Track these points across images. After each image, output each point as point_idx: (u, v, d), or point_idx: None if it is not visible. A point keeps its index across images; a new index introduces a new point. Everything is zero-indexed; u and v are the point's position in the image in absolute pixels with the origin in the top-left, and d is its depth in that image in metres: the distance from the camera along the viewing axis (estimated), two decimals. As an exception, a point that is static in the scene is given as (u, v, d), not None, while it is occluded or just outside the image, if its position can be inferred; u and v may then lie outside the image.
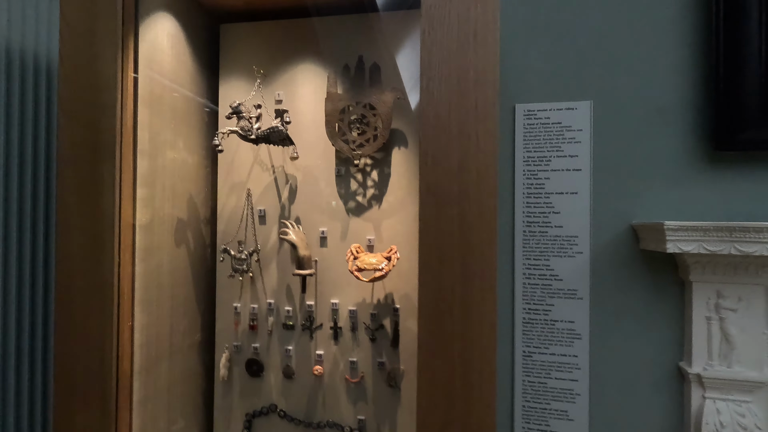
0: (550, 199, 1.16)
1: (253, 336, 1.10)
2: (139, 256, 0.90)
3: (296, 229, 1.04)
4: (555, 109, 1.15)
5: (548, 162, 1.16)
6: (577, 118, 1.14)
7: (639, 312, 1.11)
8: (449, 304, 0.70)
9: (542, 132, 1.16)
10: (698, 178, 1.10)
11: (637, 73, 1.12)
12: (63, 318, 0.83)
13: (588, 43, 1.13)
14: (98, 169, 0.82)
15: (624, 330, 1.12)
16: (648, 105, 1.11)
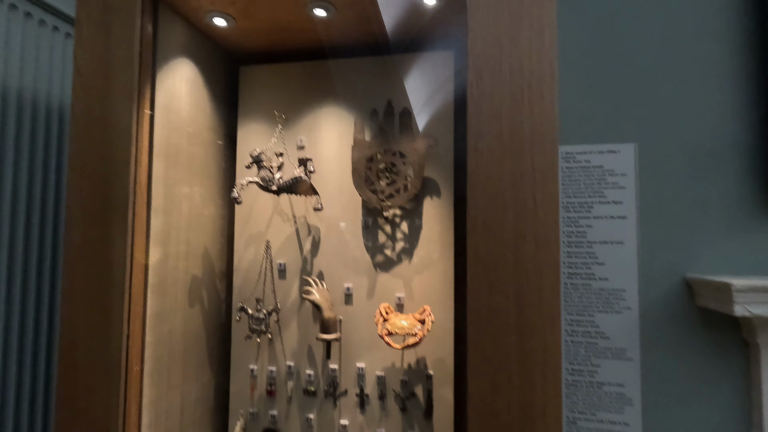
0: (593, 248, 1.07)
1: (270, 402, 1.00)
2: (149, 324, 0.81)
3: (320, 288, 0.95)
4: (596, 151, 1.07)
5: (590, 208, 1.07)
6: (621, 161, 1.06)
7: (698, 375, 1.00)
8: (505, 395, 0.60)
9: (582, 176, 1.08)
10: (755, 226, 1.01)
11: (685, 114, 1.04)
12: (64, 397, 0.74)
13: (632, 81, 1.06)
14: (108, 230, 0.75)
15: (681, 395, 1.01)
16: (697, 148, 1.03)
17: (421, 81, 0.98)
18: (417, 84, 0.98)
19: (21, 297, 0.91)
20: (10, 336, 0.88)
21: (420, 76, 0.98)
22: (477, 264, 0.62)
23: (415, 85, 0.98)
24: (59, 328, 0.75)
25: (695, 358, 1.01)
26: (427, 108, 0.97)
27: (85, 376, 0.74)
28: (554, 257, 0.60)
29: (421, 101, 0.97)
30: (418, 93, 0.97)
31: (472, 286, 0.62)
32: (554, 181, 0.61)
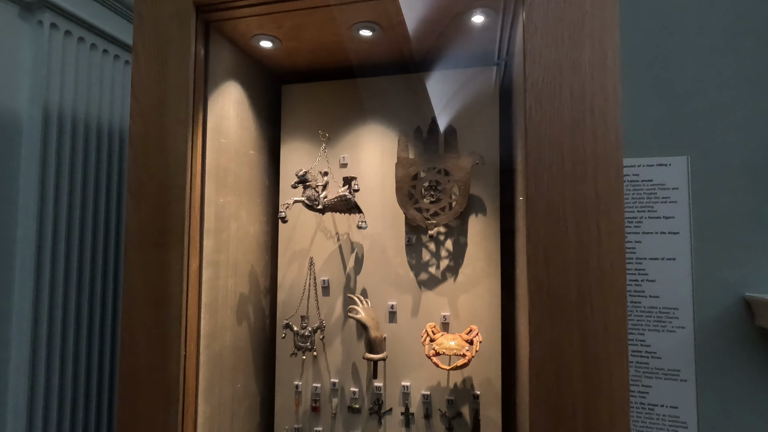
0: (642, 265, 1.03)
1: (315, 418, 1.01)
2: (203, 343, 0.83)
3: (366, 306, 0.95)
4: (645, 165, 1.04)
5: (639, 224, 1.04)
6: (672, 175, 1.03)
7: (758, 398, 0.96)
8: (569, 425, 0.59)
9: (630, 190, 1.05)
10: (818, 241, 0.96)
11: (740, 126, 1.00)
12: (125, 417, 0.76)
13: (684, 92, 1.02)
14: (165, 253, 0.77)
15: (738, 418, 0.96)
16: (754, 160, 0.99)
17: (465, 97, 0.97)
18: (461, 100, 0.97)
19: (88, 320, 0.95)
20: (79, 356, 0.92)
21: (464, 91, 0.97)
22: (539, 293, 0.61)
23: (459, 102, 0.97)
24: (120, 350, 0.78)
25: (754, 380, 0.96)
26: (471, 124, 0.96)
27: (144, 396, 0.77)
28: (621, 286, 0.58)
29: (465, 117, 0.96)
30: (463, 109, 0.96)
31: (533, 315, 0.61)
32: (619, 207, 0.59)
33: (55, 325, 0.92)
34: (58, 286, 0.93)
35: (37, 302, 0.90)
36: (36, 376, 0.89)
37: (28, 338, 0.88)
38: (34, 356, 0.88)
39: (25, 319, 0.88)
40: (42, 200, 0.92)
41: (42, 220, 0.92)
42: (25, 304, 0.88)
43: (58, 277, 0.93)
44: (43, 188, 0.93)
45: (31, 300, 0.88)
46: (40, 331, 0.89)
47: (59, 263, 0.94)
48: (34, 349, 0.88)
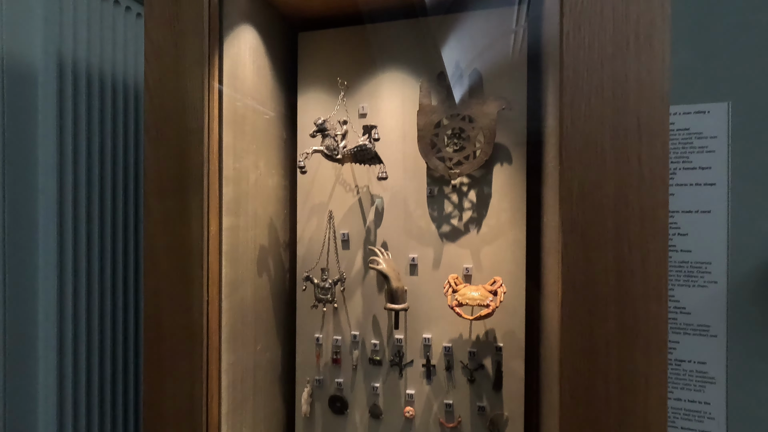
0: (674, 218, 0.99)
1: (336, 370, 1.02)
2: (225, 291, 0.83)
3: (387, 258, 0.94)
4: (681, 113, 0.98)
5: (672, 175, 0.99)
6: (711, 123, 0.97)
7: (791, 354, 0.93)
8: (603, 367, 0.57)
9: (664, 140, 0.99)
10: None
11: (788, 68, 0.92)
12: (152, 361, 0.77)
13: (725, 32, 0.95)
14: (186, 200, 0.76)
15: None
16: (802, 105, 0.92)
17: (491, 39, 0.92)
18: (486, 42, 0.92)
19: (111, 270, 0.96)
20: (104, 305, 0.93)
21: (489, 33, 0.92)
22: (572, 232, 0.58)
23: (484, 44, 0.92)
24: (144, 296, 0.78)
25: (789, 337, 0.93)
26: (497, 68, 0.91)
27: (170, 341, 0.77)
28: (662, 224, 0.55)
29: (491, 61, 0.91)
30: (488, 52, 0.91)
31: (566, 255, 0.58)
32: (664, 139, 0.55)
33: (80, 274, 0.93)
34: (81, 235, 0.94)
35: (61, 251, 0.90)
36: (63, 320, 0.90)
37: (54, 285, 0.89)
38: (60, 304, 0.89)
39: (51, 266, 0.89)
40: (61, 149, 0.92)
41: (62, 169, 0.91)
42: (49, 250, 0.88)
43: (80, 225, 0.93)
44: (62, 137, 0.92)
45: (55, 247, 0.89)
46: (65, 277, 0.90)
47: (80, 211, 0.94)
48: (60, 298, 0.89)
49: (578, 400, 0.58)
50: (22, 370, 0.79)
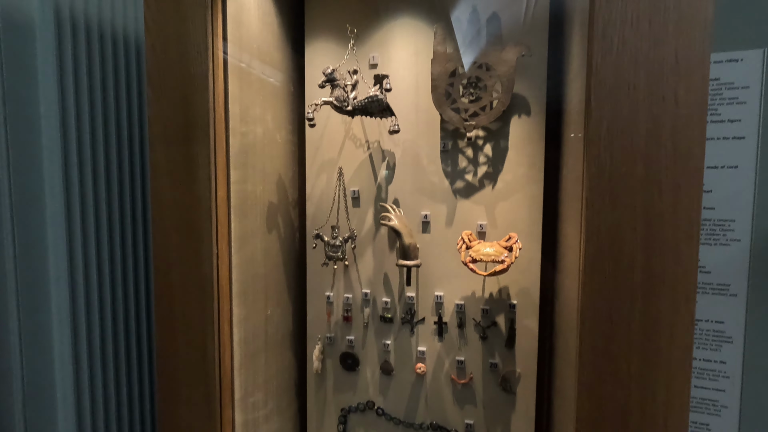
0: (698, 174, 0.95)
1: (347, 328, 1.02)
2: (234, 245, 0.81)
3: (398, 214, 0.91)
4: (712, 61, 0.92)
5: (698, 129, 0.94)
6: (743, 72, 0.91)
7: (813, 314, 0.90)
8: (626, 318, 0.55)
9: (692, 92, 0.94)
10: None
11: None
12: (163, 314, 0.77)
13: (767, -28, 0.88)
14: (192, 150, 0.73)
15: (789, 334, 0.92)
16: None
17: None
18: (506, -15, 0.86)
19: (119, 223, 0.94)
20: (114, 257, 0.92)
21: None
22: (599, 176, 0.55)
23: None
24: (153, 248, 0.77)
25: (812, 296, 0.90)
26: (517, 11, 0.85)
27: (180, 294, 0.77)
28: (697, 166, 0.51)
29: (510, 3, 0.85)
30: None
31: (591, 199, 0.55)
32: (704, 74, 0.51)
33: (89, 226, 0.92)
34: (87, 188, 0.92)
35: (68, 207, 0.89)
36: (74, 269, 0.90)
37: (64, 236, 0.88)
38: (71, 262, 0.88)
39: (59, 217, 0.87)
40: (63, 103, 0.89)
41: (64, 122, 0.89)
42: (56, 201, 0.87)
43: (87, 179, 0.91)
44: (63, 91, 0.89)
45: (61, 202, 0.87)
46: (74, 227, 0.89)
47: (86, 167, 0.91)
48: (71, 253, 0.89)
49: (598, 351, 0.57)
50: (36, 332, 0.79)
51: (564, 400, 0.77)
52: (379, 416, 1.01)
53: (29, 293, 0.79)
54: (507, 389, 0.92)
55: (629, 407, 0.57)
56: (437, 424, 0.97)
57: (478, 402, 0.94)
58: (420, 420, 0.98)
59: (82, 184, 0.91)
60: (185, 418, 0.79)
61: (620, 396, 0.57)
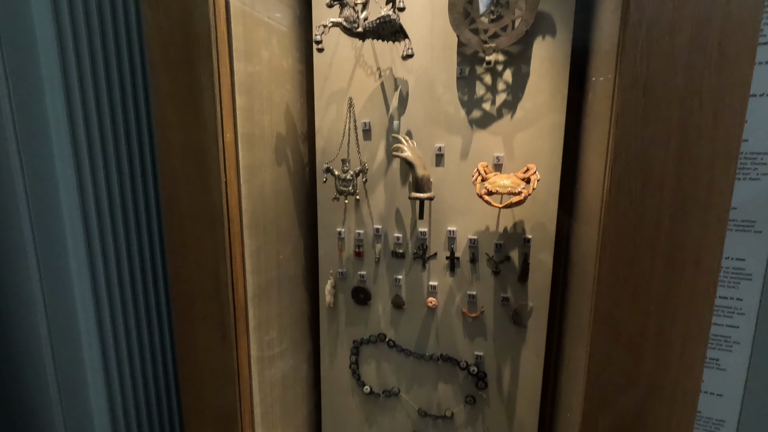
0: (734, 103, 0.88)
1: (359, 263, 1.01)
2: (243, 175, 0.79)
3: (411, 145, 0.88)
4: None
5: (739, 53, 0.86)
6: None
7: (842, 250, 0.87)
8: (650, 240, 0.53)
9: (736, 10, 0.85)
10: None
11: None
12: (174, 243, 0.77)
13: None
14: (195, 72, 0.69)
15: (813, 271, 0.89)
16: None
17: None
18: None
19: (127, 150, 0.91)
20: (124, 189, 0.91)
21: None
22: (632, 88, 0.50)
23: None
24: (160, 177, 0.75)
25: (842, 232, 0.86)
26: None
27: (190, 222, 0.76)
28: (746, 72, 0.46)
29: None
30: None
31: (622, 113, 0.51)
32: (764, -37, 0.44)
33: (95, 148, 0.90)
34: (91, 110, 0.88)
35: (75, 142, 0.86)
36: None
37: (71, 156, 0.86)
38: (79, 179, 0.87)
39: (63, 133, 0.85)
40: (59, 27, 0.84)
41: (62, 40, 0.84)
42: (59, 117, 0.83)
43: (89, 99, 0.88)
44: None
45: (68, 138, 0.85)
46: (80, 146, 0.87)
47: (88, 94, 0.88)
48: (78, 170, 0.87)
49: (618, 276, 0.55)
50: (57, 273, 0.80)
51: (576, 332, 0.77)
52: (390, 348, 1.03)
53: (41, 221, 0.78)
54: (518, 323, 0.92)
55: (646, 334, 0.56)
56: (447, 356, 0.99)
57: (489, 335, 0.95)
58: (430, 352, 1.00)
59: (86, 119, 0.87)
60: (202, 345, 0.81)
61: (637, 323, 0.56)
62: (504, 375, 0.96)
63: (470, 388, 0.99)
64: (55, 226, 0.73)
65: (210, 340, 0.80)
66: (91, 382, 0.79)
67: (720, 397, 0.93)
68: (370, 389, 1.06)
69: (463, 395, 1.00)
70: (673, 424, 0.58)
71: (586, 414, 0.62)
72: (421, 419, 1.04)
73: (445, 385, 1.01)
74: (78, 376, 0.78)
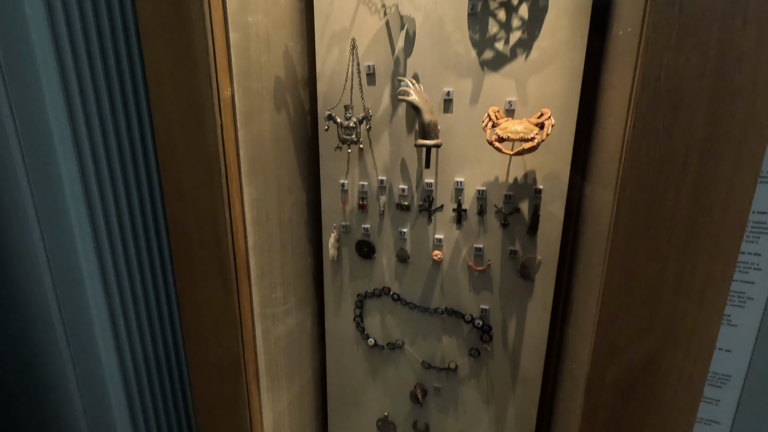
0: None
1: (362, 216, 0.99)
2: (240, 120, 0.75)
3: (418, 89, 0.83)
4: None
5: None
6: None
7: None
8: (675, 180, 0.49)
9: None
10: None
11: None
12: (171, 191, 0.74)
13: None
14: (183, 5, 0.64)
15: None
16: None
17: None
18: None
19: (120, 93, 0.87)
20: (120, 133, 0.87)
21: None
22: (669, 3, 0.44)
23: None
24: (153, 121, 0.71)
25: None
26: None
27: (187, 170, 0.73)
28: (800, -17, 0.41)
29: None
30: None
31: (653, 35, 0.46)
32: None
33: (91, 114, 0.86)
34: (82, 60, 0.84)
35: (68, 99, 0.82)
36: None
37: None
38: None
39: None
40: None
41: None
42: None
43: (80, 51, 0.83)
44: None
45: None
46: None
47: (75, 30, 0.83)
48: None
49: (637, 219, 0.51)
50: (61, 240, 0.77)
51: (586, 282, 0.75)
52: (394, 301, 1.02)
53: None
54: (526, 276, 0.90)
55: (664, 281, 0.53)
56: (452, 309, 0.98)
57: (495, 289, 0.94)
58: (435, 305, 0.99)
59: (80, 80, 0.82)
60: (203, 295, 0.80)
61: (655, 269, 0.53)
62: (509, 328, 0.95)
63: (475, 341, 0.98)
64: (50, 156, 0.70)
65: (211, 290, 0.79)
66: (99, 333, 0.79)
67: (728, 352, 0.92)
68: (375, 342, 1.06)
69: (467, 348, 0.99)
70: (685, 376, 0.57)
71: (594, 364, 0.60)
72: (424, 371, 1.04)
73: (449, 338, 1.00)
74: (86, 330, 0.78)
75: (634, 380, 0.58)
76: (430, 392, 1.05)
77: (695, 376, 0.55)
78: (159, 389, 0.93)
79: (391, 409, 1.11)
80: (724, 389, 0.98)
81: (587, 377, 0.62)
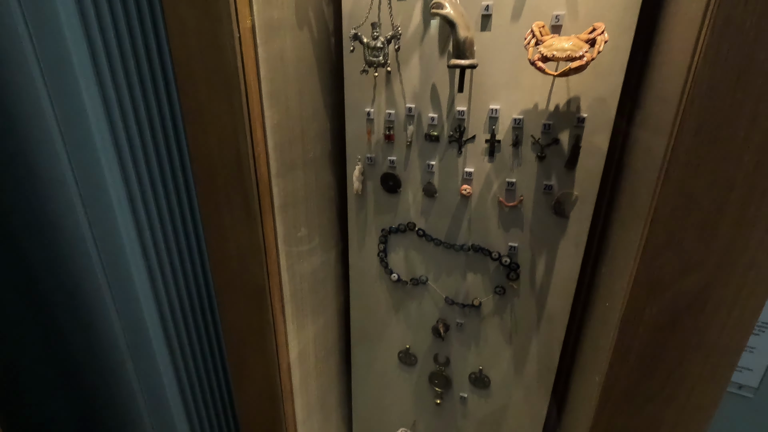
0: None
1: (389, 148, 0.94)
2: (260, 36, 0.70)
3: (453, 1, 0.74)
4: None
5: None
6: None
7: None
8: (754, 95, 0.42)
9: None
10: None
11: None
12: (190, 111, 0.71)
13: None
14: None
15: None
16: None
17: None
18: None
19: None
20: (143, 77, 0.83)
21: None
22: None
23: None
24: (168, 36, 0.67)
25: None
26: None
27: (205, 88, 0.69)
28: None
29: None
30: None
31: None
32: None
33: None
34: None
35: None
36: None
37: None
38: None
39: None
40: None
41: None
42: None
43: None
44: None
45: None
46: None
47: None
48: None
49: (702, 139, 0.45)
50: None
51: (630, 218, 0.70)
52: (420, 237, 0.99)
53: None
54: (560, 213, 0.85)
55: (725, 210, 0.48)
56: (479, 246, 0.95)
57: (525, 226, 0.90)
58: (462, 242, 0.96)
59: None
60: (226, 221, 0.79)
61: (715, 196, 0.47)
62: (538, 267, 0.92)
63: (501, 279, 0.96)
64: (69, 75, 0.68)
65: (235, 217, 0.78)
66: (132, 262, 0.80)
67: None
68: (398, 277, 1.05)
69: (492, 286, 0.97)
70: (735, 314, 0.53)
71: (632, 299, 0.57)
72: (447, 307, 1.04)
73: (474, 276, 0.98)
74: (121, 260, 0.79)
75: (676, 316, 0.55)
76: (452, 327, 1.06)
77: (746, 314, 0.51)
78: (191, 314, 0.96)
79: (413, 342, 1.12)
80: (762, 336, 0.94)
81: (622, 315, 0.58)
